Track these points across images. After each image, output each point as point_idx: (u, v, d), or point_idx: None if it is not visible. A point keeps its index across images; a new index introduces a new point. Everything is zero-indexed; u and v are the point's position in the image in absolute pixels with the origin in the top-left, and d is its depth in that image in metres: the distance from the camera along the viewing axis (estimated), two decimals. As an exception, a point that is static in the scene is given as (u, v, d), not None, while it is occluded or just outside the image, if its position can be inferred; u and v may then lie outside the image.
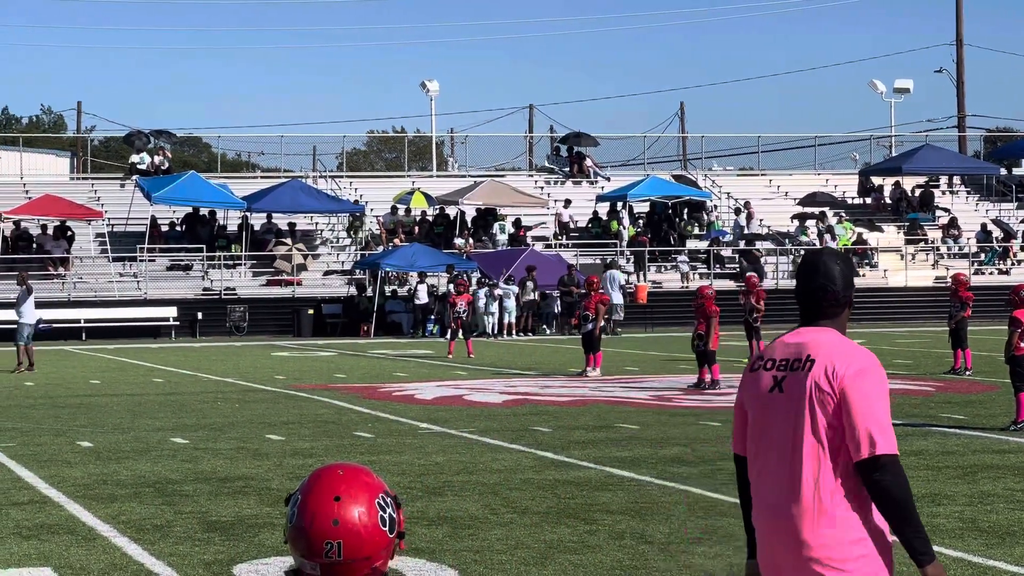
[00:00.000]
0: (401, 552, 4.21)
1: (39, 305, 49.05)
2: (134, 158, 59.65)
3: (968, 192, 65.50)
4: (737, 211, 59.35)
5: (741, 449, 5.40)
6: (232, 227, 55.03)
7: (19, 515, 13.01)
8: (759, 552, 5.27)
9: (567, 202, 58.99)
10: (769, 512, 5.15)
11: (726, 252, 56.96)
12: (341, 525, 4.10)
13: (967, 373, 28.60)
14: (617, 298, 49.76)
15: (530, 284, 49.39)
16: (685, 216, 59.22)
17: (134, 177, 56.69)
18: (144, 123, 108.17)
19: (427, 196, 56.33)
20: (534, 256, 51.62)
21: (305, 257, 54.15)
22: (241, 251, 53.36)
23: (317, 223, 57.23)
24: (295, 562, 4.20)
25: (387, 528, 4.15)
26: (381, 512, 4.14)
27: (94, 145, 78.17)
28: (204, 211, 54.65)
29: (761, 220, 60.37)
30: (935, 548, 5.19)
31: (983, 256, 58.87)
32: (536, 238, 56.70)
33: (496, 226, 56.23)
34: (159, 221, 54.11)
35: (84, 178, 62.74)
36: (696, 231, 58.40)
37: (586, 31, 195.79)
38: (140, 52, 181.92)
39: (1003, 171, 65.84)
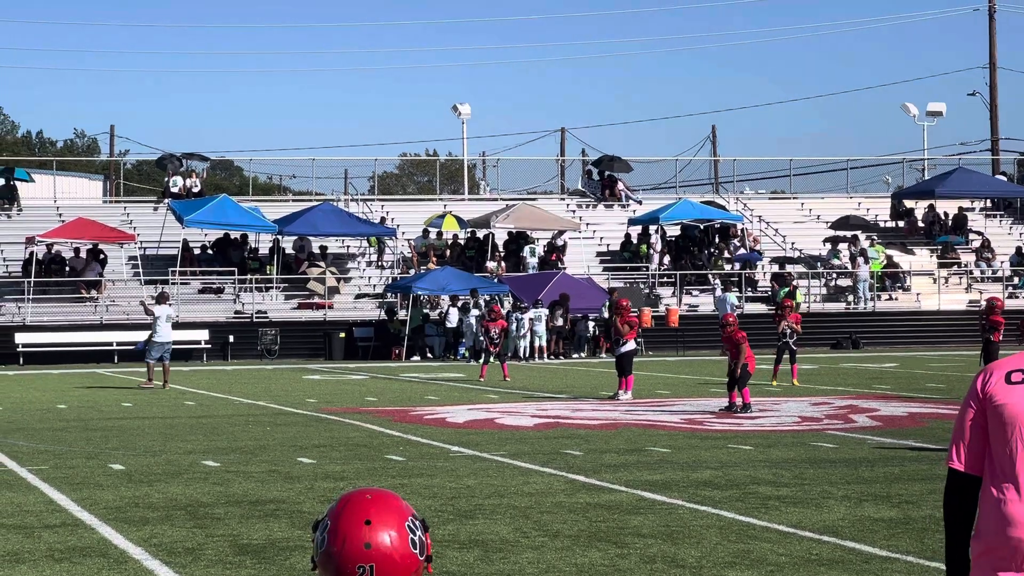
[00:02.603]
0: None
1: (75, 327, 49.53)
2: (167, 181, 59.91)
3: (1001, 215, 65.30)
4: (741, 233, 59.20)
5: (970, 467, 5.11)
6: (264, 250, 55.20)
7: (52, 538, 13.04)
8: (992, 574, 5.01)
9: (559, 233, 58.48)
10: None
11: (758, 275, 56.91)
12: (373, 548, 4.10)
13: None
14: None
15: (559, 310, 49.35)
16: (716, 240, 59.18)
17: (166, 200, 56.90)
18: (176, 147, 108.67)
19: (459, 219, 56.40)
20: (565, 280, 51.58)
21: (338, 280, 54.25)
22: (272, 274, 53.50)
23: (349, 247, 57.34)
24: None
25: (417, 551, 4.15)
26: (412, 535, 4.14)
27: (127, 169, 78.51)
28: (236, 234, 54.81)
29: (793, 243, 60.32)
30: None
31: (1017, 280, 58.63)
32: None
33: (527, 249, 56.23)
34: (191, 244, 54.28)
35: (117, 201, 62.99)
36: (726, 255, 58.29)
37: (617, 54, 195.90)
38: (173, 76, 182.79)
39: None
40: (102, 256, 53.17)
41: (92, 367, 45.67)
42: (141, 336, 48.99)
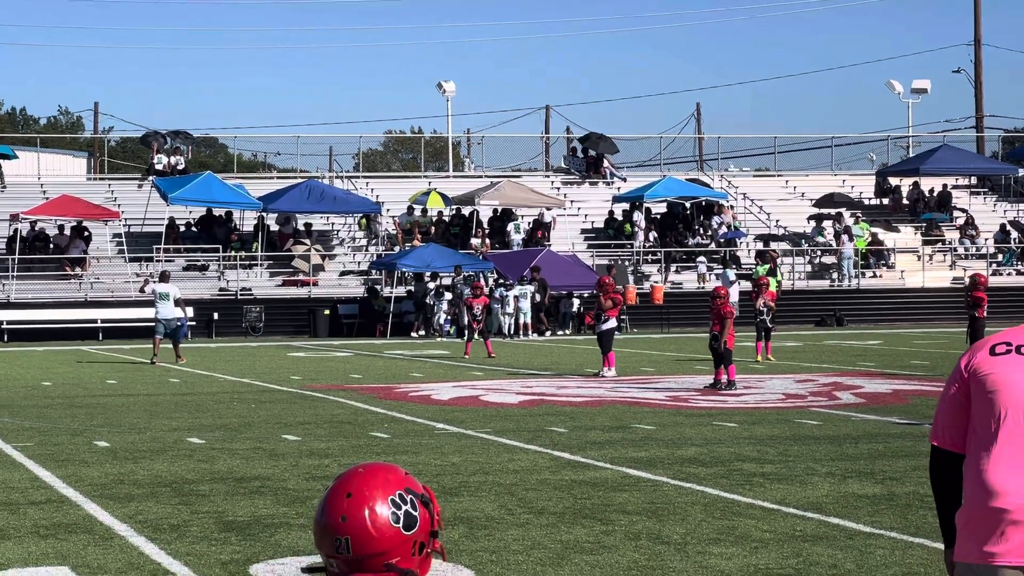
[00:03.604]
0: (436, 551, 4.16)
1: (59, 305, 49.50)
2: (152, 159, 59.80)
3: (985, 193, 65.40)
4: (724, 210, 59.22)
5: (950, 443, 5.16)
6: (248, 227, 55.14)
7: (37, 514, 13.03)
8: (976, 543, 5.03)
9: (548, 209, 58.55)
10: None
11: (743, 253, 56.96)
12: (348, 521, 4.08)
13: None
14: (732, 295, 49.35)
15: (534, 284, 49.33)
16: (701, 218, 59.21)
17: (151, 178, 56.82)
18: (161, 124, 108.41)
19: (444, 196, 56.38)
20: (549, 257, 51.61)
21: (323, 258, 54.23)
22: (257, 252, 53.45)
23: (333, 223, 57.28)
24: (322, 560, 4.20)
25: (401, 525, 4.11)
26: (395, 510, 4.11)
27: (111, 146, 78.30)
28: (220, 212, 54.74)
29: (777, 220, 60.37)
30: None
31: (1001, 257, 58.76)
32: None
33: (511, 226, 56.24)
34: (176, 222, 54.21)
35: (101, 178, 62.92)
36: (710, 232, 58.34)
37: (602, 32, 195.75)
38: (157, 53, 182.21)
39: (1021, 172, 65.70)
40: (86, 233, 53.09)
41: (76, 344, 45.62)
42: (127, 313, 49.23)
